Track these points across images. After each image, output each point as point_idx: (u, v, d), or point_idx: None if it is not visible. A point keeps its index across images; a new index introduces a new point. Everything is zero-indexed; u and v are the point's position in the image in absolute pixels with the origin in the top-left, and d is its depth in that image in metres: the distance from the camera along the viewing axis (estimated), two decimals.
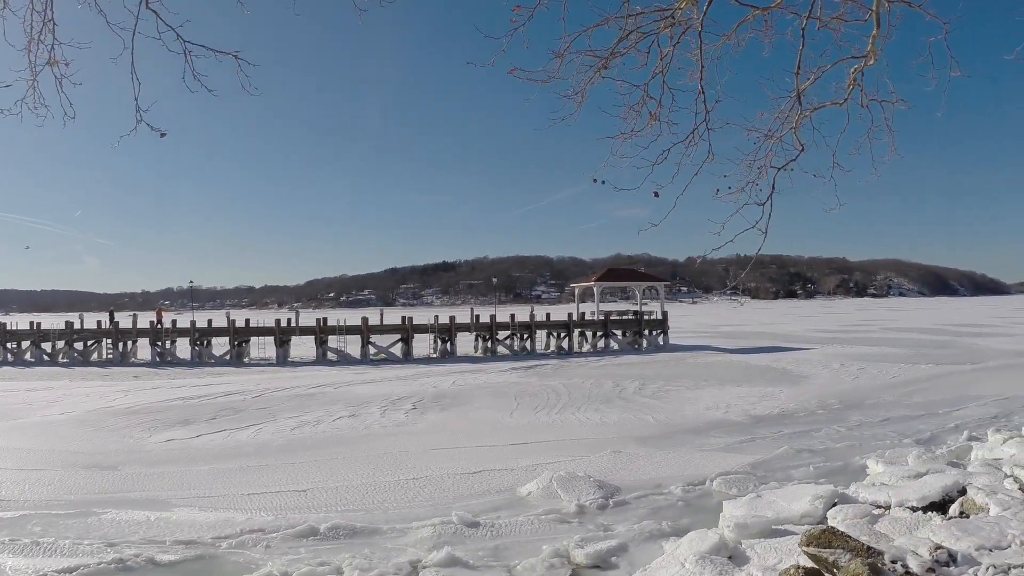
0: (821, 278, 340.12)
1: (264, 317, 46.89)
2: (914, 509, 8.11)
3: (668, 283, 56.27)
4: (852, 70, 7.25)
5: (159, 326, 44.21)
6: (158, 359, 41.74)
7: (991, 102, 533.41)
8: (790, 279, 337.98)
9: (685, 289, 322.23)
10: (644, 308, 49.41)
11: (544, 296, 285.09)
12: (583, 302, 51.83)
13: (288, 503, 11.85)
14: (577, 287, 52.82)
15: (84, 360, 42.07)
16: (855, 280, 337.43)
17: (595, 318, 46.22)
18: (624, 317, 46.83)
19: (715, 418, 19.69)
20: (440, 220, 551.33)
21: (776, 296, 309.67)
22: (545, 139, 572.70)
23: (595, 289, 48.95)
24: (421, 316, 49.31)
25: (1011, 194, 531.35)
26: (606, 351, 43.73)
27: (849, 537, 5.70)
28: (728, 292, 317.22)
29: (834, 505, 9.10)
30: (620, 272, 57.49)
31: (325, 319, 47.06)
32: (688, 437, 17.07)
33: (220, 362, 41.07)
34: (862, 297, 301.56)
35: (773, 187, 7.25)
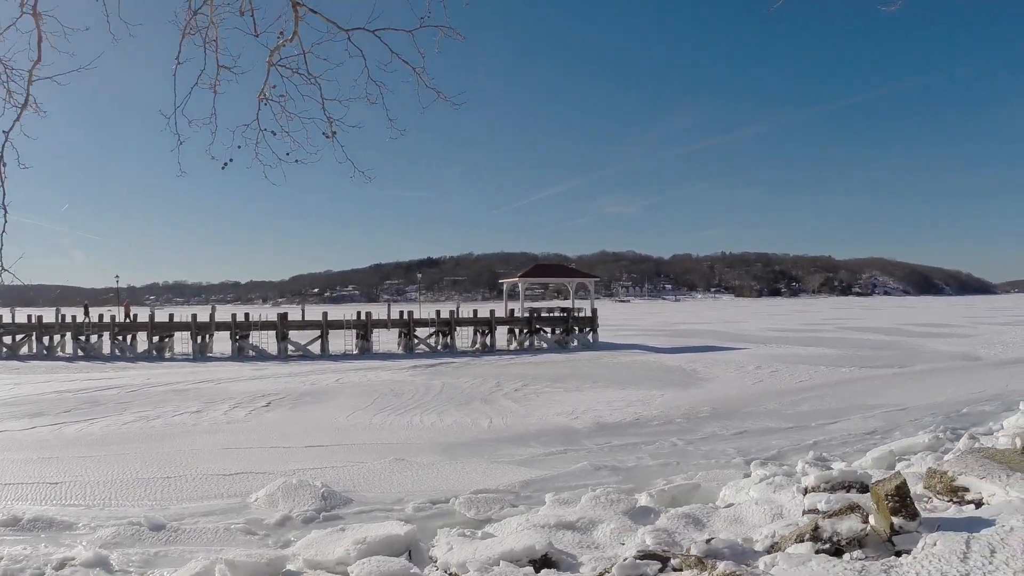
0: (806, 276, 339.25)
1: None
2: None
3: (598, 279, 54.34)
4: None
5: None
6: (80, 352, 42.12)
7: (982, 101, 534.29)
8: (775, 277, 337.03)
9: (669, 287, 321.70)
10: (578, 304, 47.37)
11: (528, 293, 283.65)
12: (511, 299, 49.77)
13: (28, 494, 11.73)
14: (505, 283, 50.80)
15: (13, 354, 42.20)
16: (840, 279, 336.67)
17: (522, 315, 44.23)
18: (552, 314, 44.84)
19: (556, 425, 17.76)
20: (426, 216, 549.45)
21: (760, 294, 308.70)
22: (534, 135, 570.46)
23: (520, 285, 46.93)
24: (340, 313, 48.03)
25: (999, 194, 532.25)
26: (531, 349, 41.95)
27: None
28: (712, 290, 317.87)
29: (406, 553, 7.15)
30: (547, 268, 55.36)
31: (247, 314, 46.10)
32: (501, 446, 15.34)
33: (139, 357, 40.84)
34: (846, 296, 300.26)
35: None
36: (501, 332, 44.10)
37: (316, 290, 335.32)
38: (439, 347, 42.08)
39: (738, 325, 70.77)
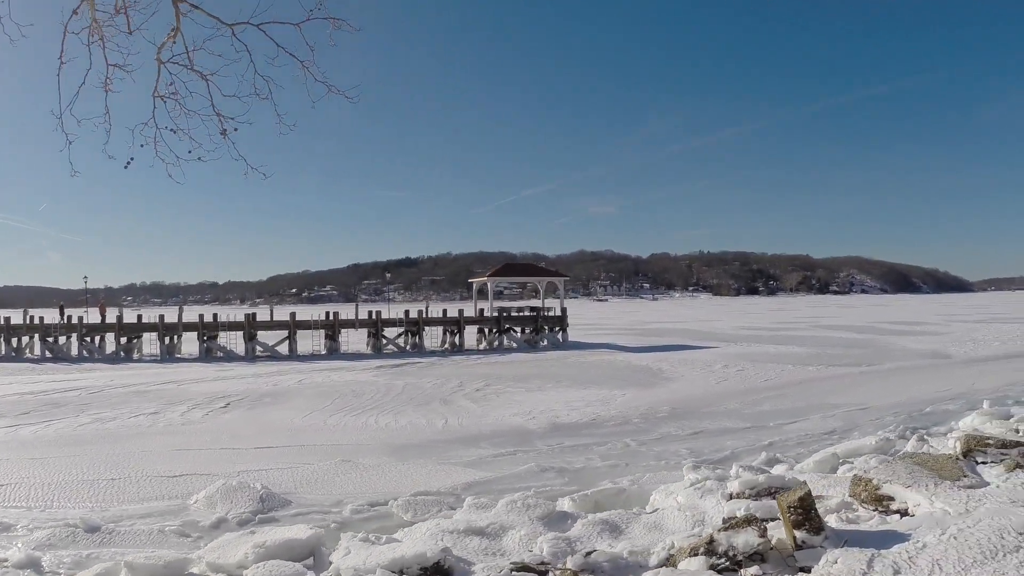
0: (784, 275, 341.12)
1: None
2: None
3: (568, 278, 54.18)
4: None
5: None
6: (48, 353, 41.52)
7: (968, 102, 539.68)
8: (753, 276, 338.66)
9: (647, 286, 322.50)
10: (548, 303, 47.11)
11: (506, 292, 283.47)
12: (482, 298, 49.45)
13: None
14: (475, 282, 50.46)
15: None
16: (818, 277, 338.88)
17: (492, 315, 43.91)
18: (521, 314, 44.57)
19: (510, 426, 17.40)
20: (405, 216, 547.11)
21: (738, 293, 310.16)
22: (515, 136, 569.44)
23: (489, 285, 46.59)
24: (315, 313, 47.65)
25: (978, 193, 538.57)
26: (500, 349, 41.66)
27: None
28: (690, 289, 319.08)
29: (310, 557, 7.08)
30: (517, 267, 55.03)
31: (215, 315, 45.63)
32: (451, 447, 15.02)
33: (107, 359, 40.29)
34: (824, 294, 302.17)
35: None
36: (472, 332, 43.81)
37: (294, 290, 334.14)
38: (408, 347, 41.71)
39: (712, 324, 70.74)
